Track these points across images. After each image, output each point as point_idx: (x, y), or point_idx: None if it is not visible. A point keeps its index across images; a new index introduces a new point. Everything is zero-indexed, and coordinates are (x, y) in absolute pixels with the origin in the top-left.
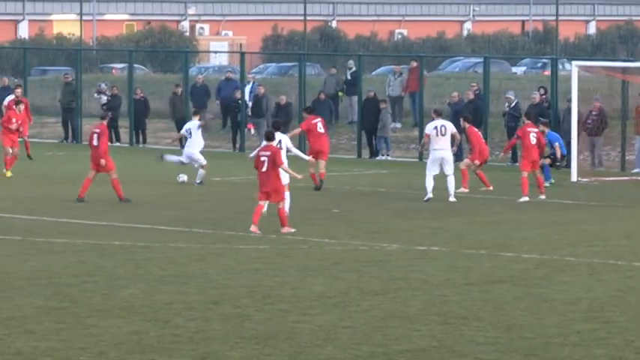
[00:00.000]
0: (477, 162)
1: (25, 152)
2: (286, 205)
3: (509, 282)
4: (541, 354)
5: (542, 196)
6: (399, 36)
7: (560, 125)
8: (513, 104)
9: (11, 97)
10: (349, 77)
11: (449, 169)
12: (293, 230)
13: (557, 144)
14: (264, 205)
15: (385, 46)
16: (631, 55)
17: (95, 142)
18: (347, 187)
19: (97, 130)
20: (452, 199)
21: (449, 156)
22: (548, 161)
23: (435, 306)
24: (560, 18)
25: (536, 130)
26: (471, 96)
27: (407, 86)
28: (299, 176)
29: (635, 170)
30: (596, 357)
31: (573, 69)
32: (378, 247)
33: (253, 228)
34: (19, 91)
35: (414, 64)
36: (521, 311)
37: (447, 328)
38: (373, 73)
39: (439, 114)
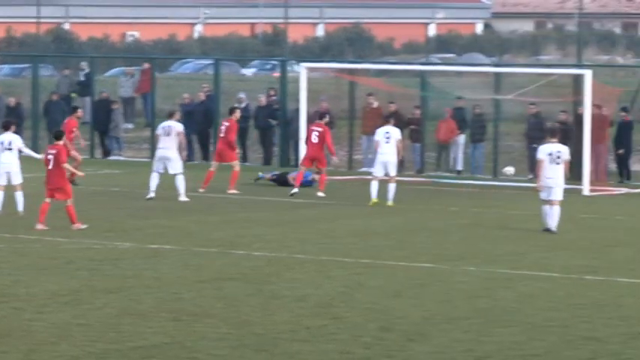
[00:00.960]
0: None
1: None
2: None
3: (241, 279)
4: (271, 349)
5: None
6: (131, 38)
7: (289, 125)
8: (244, 105)
9: None
10: (82, 78)
11: (171, 169)
12: (84, 227)
13: None
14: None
15: (118, 47)
16: (358, 56)
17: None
18: (80, 186)
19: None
20: (182, 198)
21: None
22: None
23: (167, 303)
24: (288, 21)
25: (320, 128)
26: (203, 97)
27: (139, 87)
28: (81, 174)
29: (363, 169)
30: (325, 352)
31: (302, 70)
32: (112, 246)
33: (39, 226)
34: None
35: (146, 65)
36: (252, 308)
37: (180, 325)
38: (106, 74)
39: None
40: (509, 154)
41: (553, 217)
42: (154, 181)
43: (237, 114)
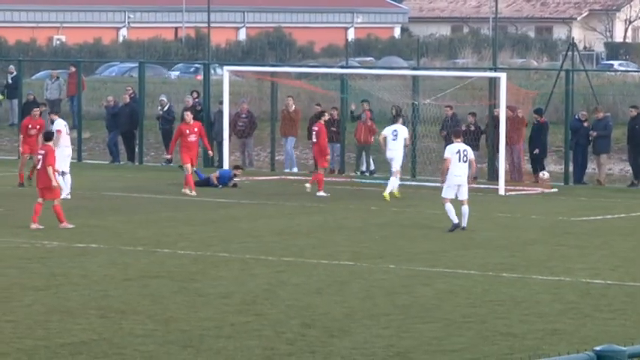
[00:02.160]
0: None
1: None
2: None
3: (167, 277)
4: (197, 345)
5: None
6: (58, 42)
7: (212, 127)
8: (167, 107)
9: None
10: (10, 81)
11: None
12: (71, 226)
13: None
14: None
15: (44, 51)
16: (279, 59)
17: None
18: (9, 187)
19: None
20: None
21: None
22: None
23: (95, 300)
24: (211, 25)
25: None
26: (127, 99)
27: (69, 90)
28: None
29: (286, 170)
30: (250, 348)
31: (225, 73)
32: (40, 245)
33: (33, 226)
34: None
35: (73, 69)
36: (178, 305)
37: (107, 322)
38: (33, 77)
39: None
40: (426, 154)
41: (464, 215)
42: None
43: (327, 117)
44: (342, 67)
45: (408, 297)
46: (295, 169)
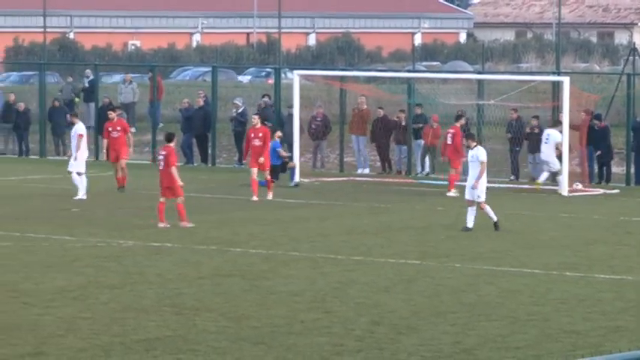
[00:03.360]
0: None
1: None
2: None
3: (238, 275)
4: (268, 342)
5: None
6: (133, 47)
7: (282, 129)
8: (241, 110)
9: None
10: (86, 85)
11: None
12: (190, 225)
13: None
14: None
15: (120, 56)
16: (348, 64)
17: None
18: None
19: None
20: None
21: None
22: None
23: (169, 298)
24: (282, 30)
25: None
26: (201, 103)
27: (153, 94)
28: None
29: (359, 169)
30: (320, 344)
31: (295, 77)
32: (116, 244)
33: (161, 225)
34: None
35: (150, 74)
36: (250, 302)
37: (181, 319)
38: (109, 81)
39: None
40: (491, 156)
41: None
42: None
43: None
44: (408, 71)
45: (473, 295)
46: (367, 170)
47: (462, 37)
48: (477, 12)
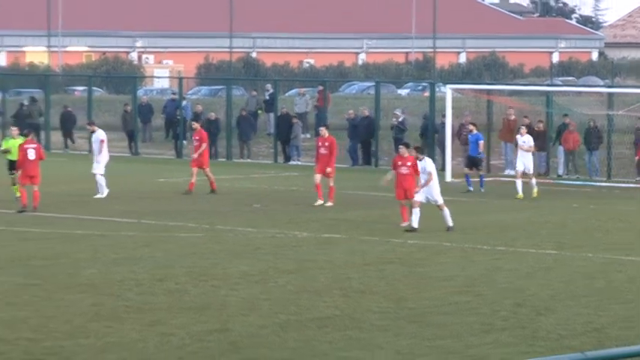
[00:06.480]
0: None
1: None
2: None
3: (398, 262)
4: (423, 321)
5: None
6: (307, 64)
7: (437, 136)
8: (401, 119)
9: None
10: (267, 97)
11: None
12: (405, 224)
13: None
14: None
15: (296, 72)
16: (494, 79)
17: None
18: (265, 186)
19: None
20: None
21: None
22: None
23: (338, 282)
24: (436, 50)
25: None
26: (366, 113)
27: (318, 104)
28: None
29: (507, 172)
30: (469, 323)
31: (447, 91)
32: (292, 235)
33: (404, 224)
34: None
35: (320, 87)
36: (407, 286)
37: (348, 300)
38: (286, 94)
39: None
40: (619, 160)
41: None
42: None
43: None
44: (547, 85)
45: (603, 281)
46: (512, 172)
47: (594, 56)
48: (607, 33)
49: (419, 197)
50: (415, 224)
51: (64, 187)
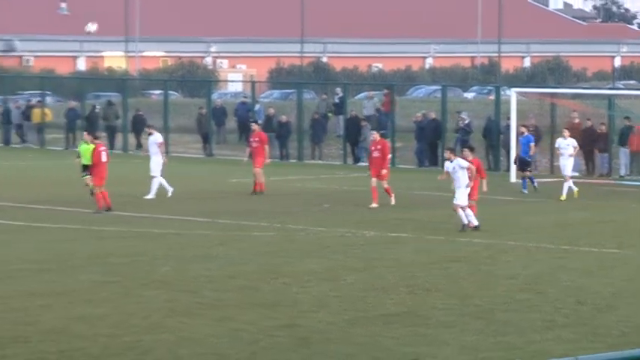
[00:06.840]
0: None
1: None
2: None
3: (463, 261)
4: (488, 317)
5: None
6: (376, 68)
7: (501, 138)
8: (467, 122)
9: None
10: (337, 101)
11: None
12: (475, 224)
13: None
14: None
15: (365, 76)
16: (558, 83)
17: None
18: (335, 186)
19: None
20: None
21: None
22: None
23: (404, 280)
24: (501, 54)
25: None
26: (432, 116)
27: (385, 107)
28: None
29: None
30: (532, 320)
31: (512, 94)
32: (360, 234)
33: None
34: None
35: (387, 90)
36: (472, 284)
37: (414, 297)
38: (355, 97)
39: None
40: None
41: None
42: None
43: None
44: (610, 88)
45: None
46: (577, 173)
47: None
48: None
49: (462, 201)
50: (475, 221)
51: (139, 187)
